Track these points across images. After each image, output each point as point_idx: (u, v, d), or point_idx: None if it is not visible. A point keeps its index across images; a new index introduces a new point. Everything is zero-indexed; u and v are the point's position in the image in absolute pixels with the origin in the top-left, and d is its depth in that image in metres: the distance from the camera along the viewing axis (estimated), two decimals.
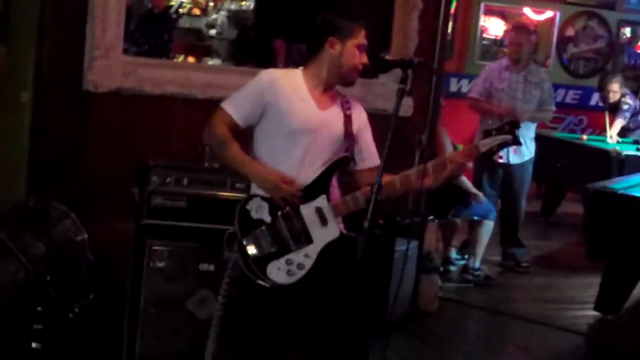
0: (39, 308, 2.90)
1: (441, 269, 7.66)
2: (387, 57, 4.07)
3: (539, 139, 8.48)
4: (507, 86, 7.99)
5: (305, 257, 3.95)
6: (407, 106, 6.69)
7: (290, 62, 9.51)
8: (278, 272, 3.94)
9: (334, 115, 4.11)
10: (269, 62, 8.98)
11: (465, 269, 7.88)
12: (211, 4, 14.63)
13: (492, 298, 7.56)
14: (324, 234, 3.98)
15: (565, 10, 12.20)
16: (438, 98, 3.87)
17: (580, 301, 7.61)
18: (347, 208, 4.01)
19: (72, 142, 5.98)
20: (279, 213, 3.98)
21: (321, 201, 3.99)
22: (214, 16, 14.35)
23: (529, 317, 7.09)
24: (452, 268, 7.96)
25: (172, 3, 13.51)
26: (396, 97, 3.82)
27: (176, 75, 6.14)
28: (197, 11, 14.49)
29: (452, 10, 7.21)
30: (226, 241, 4.06)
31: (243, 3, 14.36)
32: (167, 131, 6.09)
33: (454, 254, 8.09)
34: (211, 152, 4.82)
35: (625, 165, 9.16)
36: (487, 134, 3.96)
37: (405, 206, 6.82)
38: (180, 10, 14.07)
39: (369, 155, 4.25)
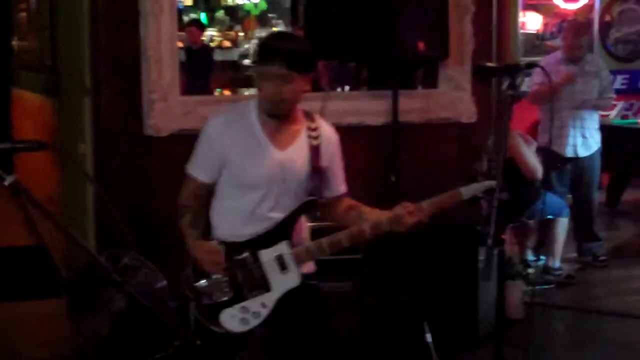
0: None
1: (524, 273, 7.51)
2: (490, 64, 3.84)
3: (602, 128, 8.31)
4: None
5: (261, 306, 3.79)
6: (471, 112, 6.57)
7: (335, 83, 9.41)
8: (231, 319, 3.79)
9: (296, 153, 3.80)
10: (313, 84, 8.88)
11: (545, 269, 7.71)
12: (241, 34, 14.61)
13: (576, 296, 7.41)
14: (283, 282, 3.79)
15: None
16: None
17: None
18: (310, 256, 3.83)
19: (139, 189, 5.92)
20: (236, 257, 3.79)
21: (282, 247, 3.78)
22: (246, 46, 14.35)
23: (618, 311, 6.91)
24: (530, 270, 7.77)
25: (203, 38, 13.47)
26: (506, 104, 3.62)
27: None
28: (227, 43, 14.53)
29: None
30: (185, 281, 3.91)
31: (274, 29, 14.33)
32: None
33: (530, 256, 7.91)
34: None
35: None
36: (471, 179, 3.80)
37: (479, 214, 6.71)
38: (212, 44, 14.05)
39: (334, 185, 3.97)
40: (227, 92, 12.00)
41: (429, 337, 5.61)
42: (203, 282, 3.81)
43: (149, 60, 5.77)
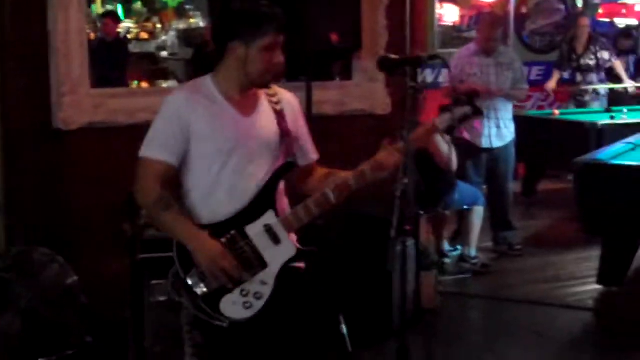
0: None
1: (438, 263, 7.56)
2: (393, 56, 3.77)
3: (521, 118, 8.40)
4: (479, 71, 7.89)
5: (261, 285, 3.49)
6: (385, 104, 6.59)
7: None
8: (233, 306, 3.46)
9: (261, 118, 3.63)
10: None
11: (462, 258, 7.78)
12: (158, 26, 14.51)
13: (492, 285, 7.45)
14: (278, 255, 3.53)
15: None
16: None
17: (580, 276, 7.53)
18: (299, 221, 3.58)
19: (50, 183, 5.81)
20: (223, 240, 3.49)
21: (269, 217, 3.54)
22: (164, 38, 14.28)
23: (533, 299, 6.99)
24: (447, 260, 7.84)
25: (119, 30, 13.34)
26: (408, 96, 3.55)
27: (147, 102, 5.95)
28: (145, 35, 14.41)
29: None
30: (172, 283, 3.54)
31: (192, 21, 14.26)
32: None
33: (446, 246, 7.97)
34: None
35: (603, 136, 9.06)
36: (443, 109, 3.67)
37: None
38: (128, 36, 13.92)
39: (306, 152, 3.85)
40: (144, 84, 11.89)
41: (343, 329, 5.61)
42: (192, 273, 3.47)
43: (58, 53, 5.67)
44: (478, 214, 7.68)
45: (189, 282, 3.47)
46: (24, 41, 5.68)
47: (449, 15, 12.01)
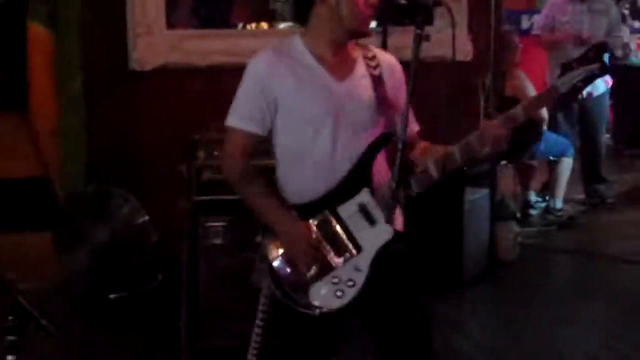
0: (11, 317, 2.50)
1: (519, 214, 7.39)
2: (401, 1, 3.46)
3: (621, 68, 8.10)
4: (572, 18, 7.67)
5: (355, 271, 3.11)
6: (466, 50, 6.45)
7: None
8: (323, 295, 3.12)
9: (357, 83, 3.21)
10: None
11: (547, 210, 7.62)
12: None
13: (577, 239, 7.26)
14: (374, 237, 3.12)
15: None
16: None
17: None
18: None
19: (125, 123, 5.92)
20: (315, 222, 3.17)
21: (364, 196, 3.15)
22: None
23: (620, 256, 6.74)
24: (533, 212, 7.69)
25: None
26: (413, 44, 3.28)
27: (224, 44, 6.01)
28: None
29: None
30: (260, 260, 3.26)
31: None
32: (219, 103, 5.90)
33: (533, 196, 7.81)
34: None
35: None
36: (565, 67, 3.17)
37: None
38: None
39: (411, 118, 3.29)
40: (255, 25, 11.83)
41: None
42: (279, 259, 3.19)
43: None
44: (566, 165, 7.50)
45: (276, 266, 3.19)
46: None
47: None
